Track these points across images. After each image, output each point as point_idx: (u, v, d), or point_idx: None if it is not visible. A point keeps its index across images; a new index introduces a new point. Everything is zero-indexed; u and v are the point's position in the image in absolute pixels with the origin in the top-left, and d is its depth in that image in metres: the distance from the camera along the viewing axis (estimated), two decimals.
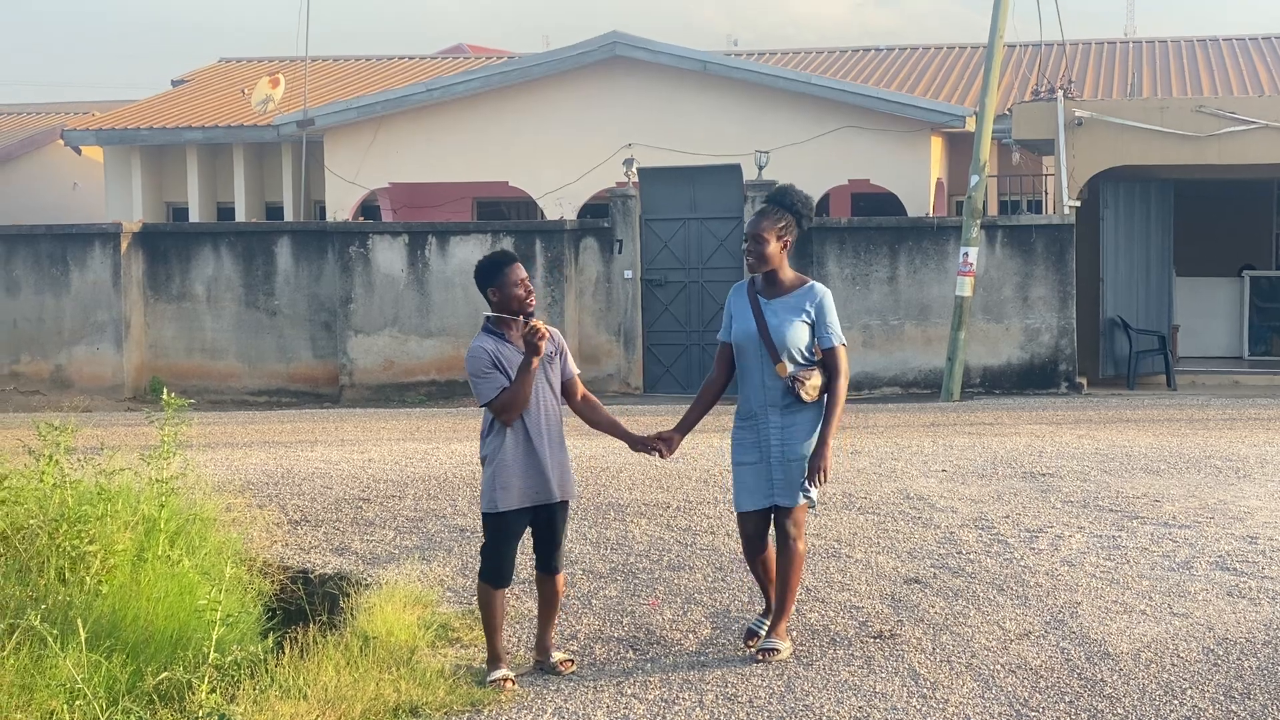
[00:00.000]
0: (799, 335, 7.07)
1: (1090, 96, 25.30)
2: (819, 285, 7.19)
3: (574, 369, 7.21)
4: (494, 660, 6.99)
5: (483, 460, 7.05)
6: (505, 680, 6.84)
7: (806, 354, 7.08)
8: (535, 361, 6.84)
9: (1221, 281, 24.37)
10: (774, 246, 7.11)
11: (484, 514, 7.04)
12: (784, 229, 7.13)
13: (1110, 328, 21.44)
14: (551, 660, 7.14)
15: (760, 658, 7.07)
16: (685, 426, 7.33)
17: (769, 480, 7.12)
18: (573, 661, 7.18)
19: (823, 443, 7.07)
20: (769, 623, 7.30)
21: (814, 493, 7.08)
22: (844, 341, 7.18)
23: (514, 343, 6.95)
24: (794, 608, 7.41)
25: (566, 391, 7.16)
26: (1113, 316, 21.42)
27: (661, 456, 7.18)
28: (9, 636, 6.56)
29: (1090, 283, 21.19)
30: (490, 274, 7.01)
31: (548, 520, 7.10)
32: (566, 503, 7.14)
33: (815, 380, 7.05)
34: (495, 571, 6.98)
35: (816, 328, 7.11)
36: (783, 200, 7.19)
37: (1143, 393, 20.21)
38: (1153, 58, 30.32)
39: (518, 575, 7.58)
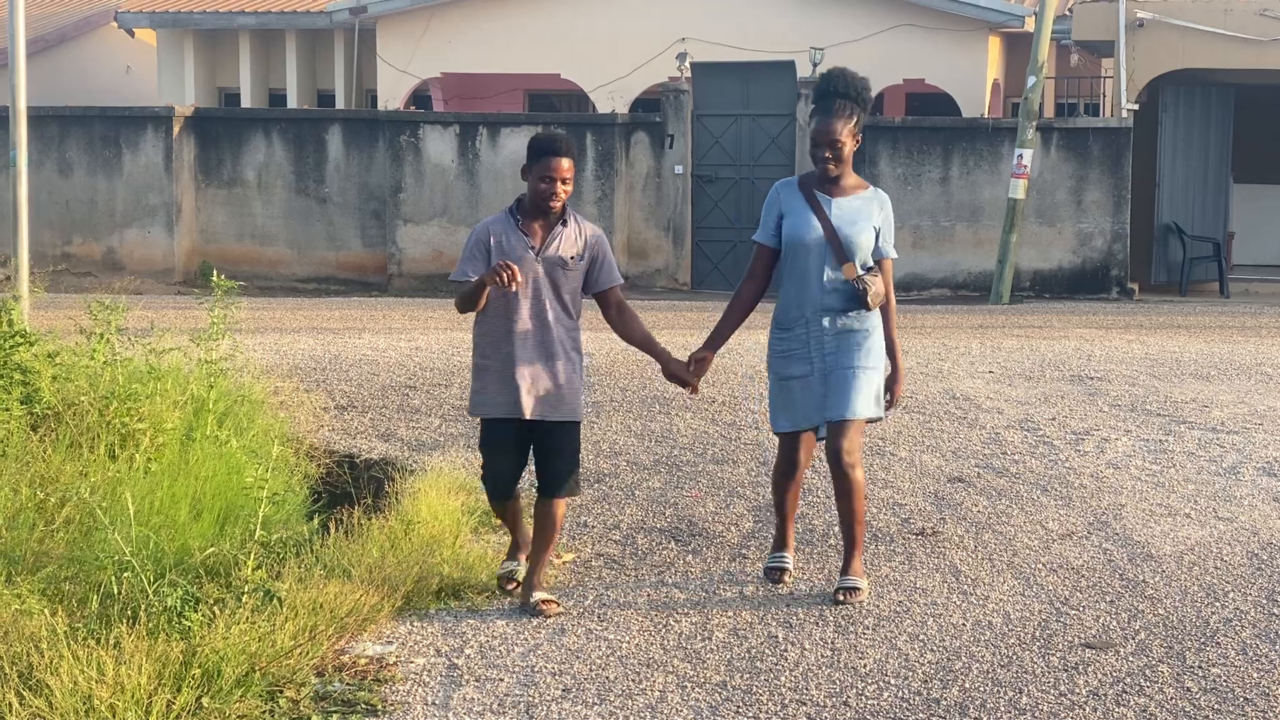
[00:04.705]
0: (868, 240, 6.52)
1: None
2: (883, 192, 6.71)
3: (616, 278, 6.50)
4: (513, 550, 6.69)
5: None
6: (512, 581, 6.52)
7: (869, 261, 6.55)
8: (489, 286, 6.22)
9: None
10: (851, 147, 6.51)
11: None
12: (857, 124, 6.51)
13: (1164, 233, 21.22)
14: (533, 600, 6.30)
15: (842, 598, 6.45)
16: (717, 342, 6.71)
17: (820, 395, 6.51)
18: (557, 603, 6.34)
19: (897, 363, 6.65)
20: (844, 560, 6.64)
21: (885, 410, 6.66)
22: (896, 255, 6.77)
23: (530, 235, 6.34)
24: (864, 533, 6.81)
25: (602, 301, 6.51)
26: (1167, 222, 21.19)
27: (692, 393, 6.71)
28: (59, 510, 6.65)
29: (1145, 187, 20.94)
30: (529, 154, 6.37)
31: (540, 439, 6.40)
32: (572, 424, 6.41)
33: (878, 287, 6.50)
34: (488, 482, 6.50)
35: (879, 236, 6.57)
36: (846, 91, 6.50)
37: (1195, 299, 20.05)
38: None
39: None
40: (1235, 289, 21.01)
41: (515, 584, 6.54)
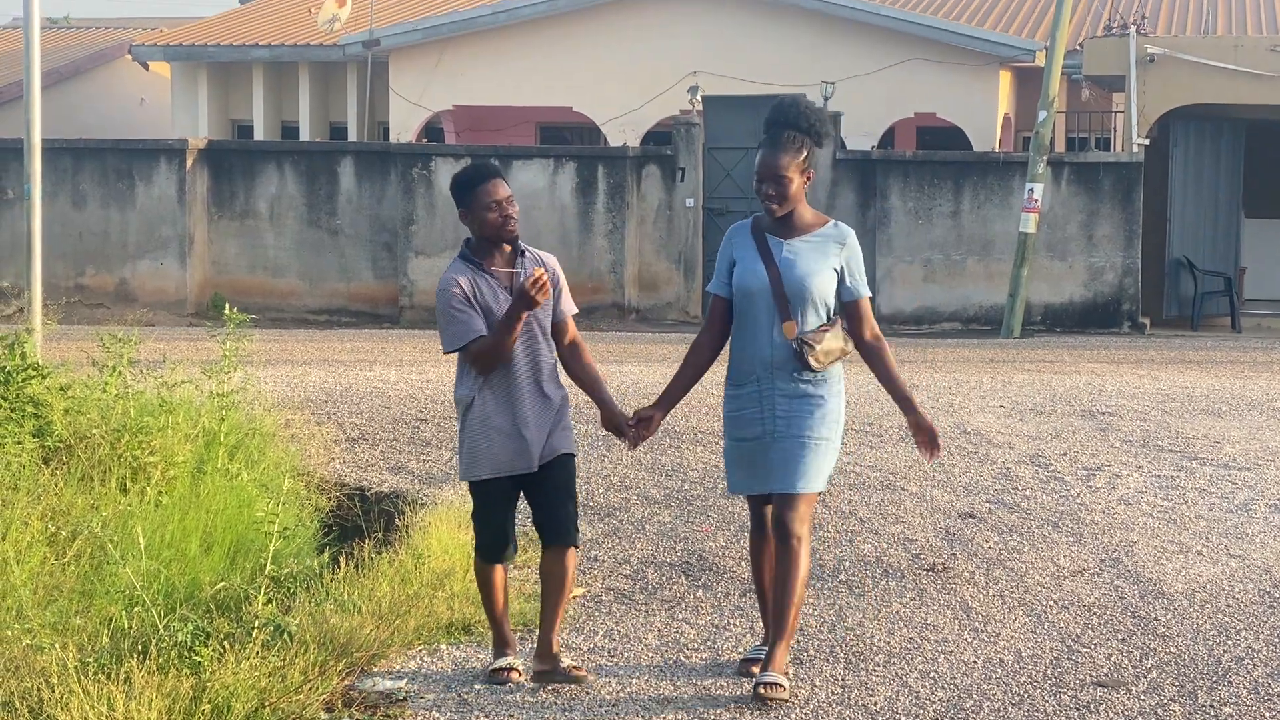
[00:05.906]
0: (825, 285, 5.78)
1: (1163, 33, 24.91)
2: (845, 225, 5.94)
3: (569, 308, 5.99)
4: (499, 646, 6.01)
5: (458, 408, 6.00)
6: (510, 671, 5.88)
7: (830, 308, 5.82)
8: (523, 315, 5.70)
9: None
10: (798, 184, 5.79)
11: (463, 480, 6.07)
12: (806, 160, 5.80)
13: (1176, 268, 21.23)
14: (561, 667, 5.86)
15: (763, 692, 5.58)
16: (669, 402, 6.01)
17: (767, 461, 5.81)
18: (582, 669, 5.94)
19: (912, 403, 5.83)
20: (767, 650, 5.79)
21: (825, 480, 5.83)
22: (870, 293, 5.97)
23: (495, 275, 5.82)
24: (797, 626, 6.08)
25: (555, 332, 5.96)
26: (1179, 257, 21.19)
27: (630, 447, 5.97)
28: (70, 543, 6.66)
29: (1156, 222, 20.96)
30: (459, 193, 5.85)
31: (542, 480, 5.92)
32: (572, 456, 5.99)
33: (829, 344, 5.74)
34: (487, 545, 5.99)
35: (844, 276, 5.83)
36: (796, 122, 5.80)
37: (1206, 334, 20.03)
38: None
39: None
40: (1247, 324, 20.99)
41: (516, 671, 5.91)
